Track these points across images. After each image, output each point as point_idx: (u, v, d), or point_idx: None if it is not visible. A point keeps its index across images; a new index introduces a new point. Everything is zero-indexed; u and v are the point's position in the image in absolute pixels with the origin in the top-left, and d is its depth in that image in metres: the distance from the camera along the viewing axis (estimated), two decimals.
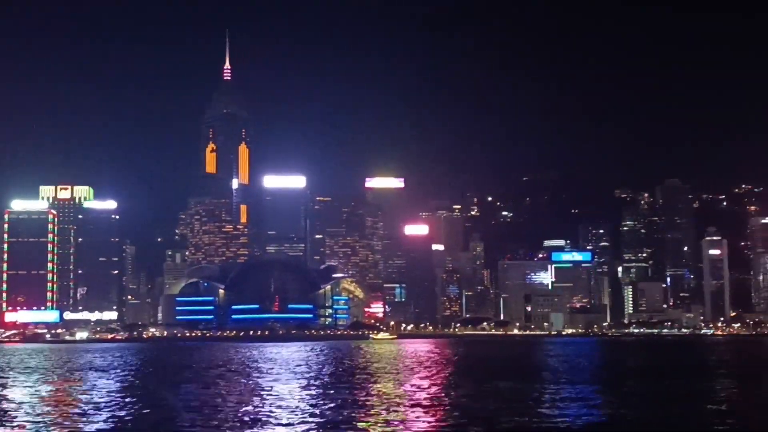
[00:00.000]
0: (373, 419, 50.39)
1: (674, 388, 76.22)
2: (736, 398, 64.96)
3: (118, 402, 62.92)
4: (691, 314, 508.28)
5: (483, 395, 67.04)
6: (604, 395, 68.68)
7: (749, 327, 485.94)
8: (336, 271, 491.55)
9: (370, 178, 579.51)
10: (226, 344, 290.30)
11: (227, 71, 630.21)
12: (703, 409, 55.89)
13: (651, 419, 50.66)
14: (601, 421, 50.12)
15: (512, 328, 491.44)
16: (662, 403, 60.72)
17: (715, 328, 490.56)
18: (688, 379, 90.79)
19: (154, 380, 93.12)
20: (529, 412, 54.21)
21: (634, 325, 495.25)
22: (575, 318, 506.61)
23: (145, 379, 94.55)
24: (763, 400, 61.44)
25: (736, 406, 58.80)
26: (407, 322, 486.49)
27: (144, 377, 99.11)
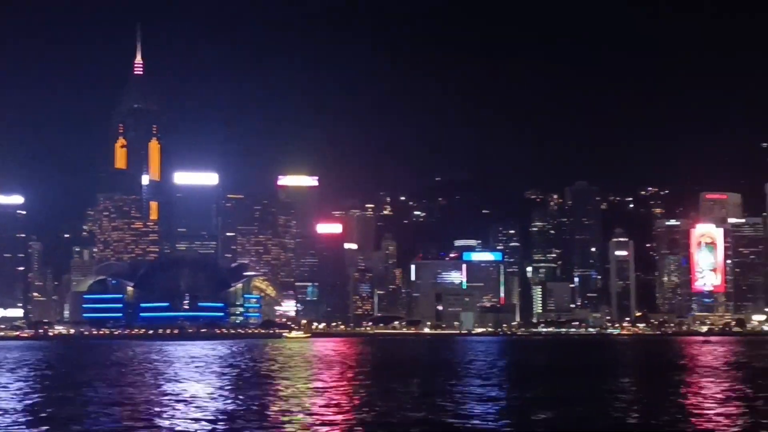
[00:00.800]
0: (282, 418, 50.16)
1: (578, 387, 77.51)
2: (638, 396, 66.37)
3: (19, 401, 61.48)
4: (598, 314, 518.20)
5: (392, 393, 67.24)
6: (510, 394, 69.51)
7: (654, 327, 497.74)
8: (247, 270, 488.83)
9: (283, 176, 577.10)
10: (135, 343, 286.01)
11: (138, 66, 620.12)
12: (607, 407, 56.92)
13: (556, 417, 51.38)
14: (507, 420, 50.66)
15: (423, 327, 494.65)
16: (567, 402, 61.68)
17: (620, 327, 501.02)
18: (593, 377, 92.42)
19: (58, 379, 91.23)
20: (436, 410, 54.56)
21: (543, 325, 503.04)
22: (485, 317, 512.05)
23: (49, 378, 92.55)
24: (663, 398, 62.88)
25: (637, 403, 60.06)
26: (319, 321, 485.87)
27: (49, 376, 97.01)
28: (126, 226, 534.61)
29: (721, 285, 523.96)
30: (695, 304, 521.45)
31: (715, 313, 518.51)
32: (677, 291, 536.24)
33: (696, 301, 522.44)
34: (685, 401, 61.20)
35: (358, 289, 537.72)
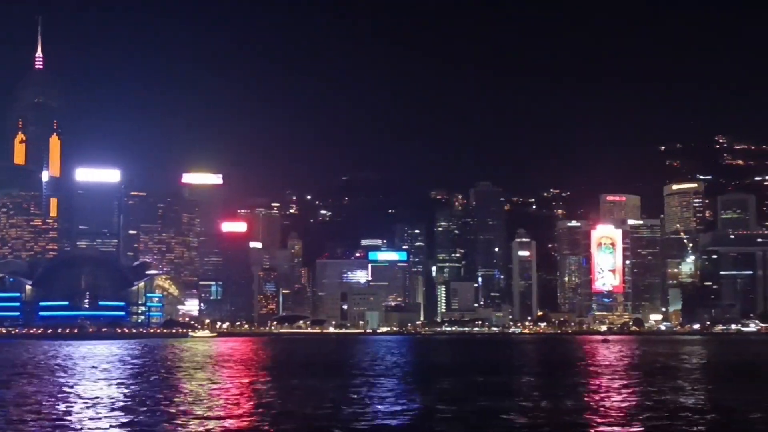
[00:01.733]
0: (184, 418, 49.65)
1: (481, 384, 78.46)
2: (538, 392, 67.51)
3: None
4: (500, 313, 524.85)
5: (297, 392, 67.10)
6: (414, 391, 70.00)
7: (554, 326, 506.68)
8: (150, 268, 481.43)
9: (187, 174, 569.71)
10: (33, 342, 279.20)
11: (39, 60, 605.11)
12: (508, 403, 57.77)
13: (458, 414, 51.91)
14: (410, 417, 51.00)
15: (328, 326, 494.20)
16: (469, 398, 62.38)
17: (522, 326, 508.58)
18: (494, 375, 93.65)
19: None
20: (341, 408, 54.66)
21: (446, 324, 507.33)
22: (390, 316, 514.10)
23: None
24: (561, 395, 64.12)
25: (537, 399, 61.09)
26: (223, 321, 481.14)
27: None
28: (25, 223, 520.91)
29: (619, 285, 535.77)
30: (595, 303, 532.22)
31: (614, 312, 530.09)
32: (578, 291, 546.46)
33: (596, 300, 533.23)
34: (583, 398, 62.46)
35: (263, 288, 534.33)
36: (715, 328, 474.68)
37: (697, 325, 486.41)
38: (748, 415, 49.70)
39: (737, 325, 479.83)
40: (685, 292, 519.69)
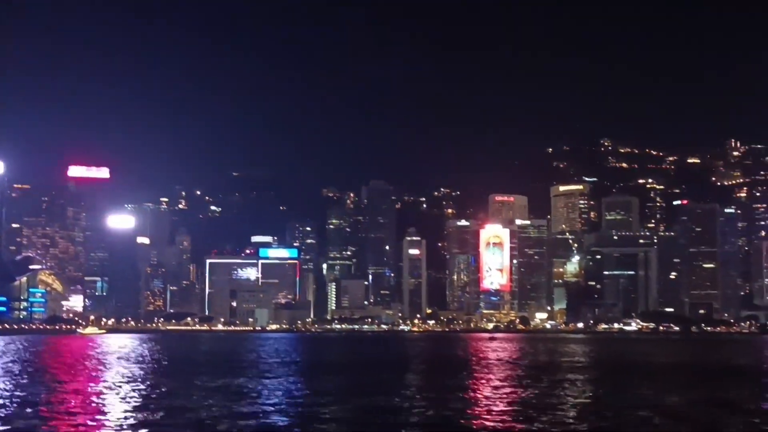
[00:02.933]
0: (68, 417, 48.33)
1: (369, 381, 78.61)
2: (424, 388, 67.98)
3: None
4: (390, 311, 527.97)
5: (185, 390, 66.11)
6: (303, 389, 69.73)
7: (443, 324, 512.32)
8: (33, 263, 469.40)
9: (73, 167, 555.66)
10: None
11: None
12: (397, 399, 57.97)
13: (344, 411, 51.84)
14: (298, 413, 50.77)
15: (217, 323, 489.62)
16: (356, 396, 62.40)
17: (412, 324, 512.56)
18: (382, 372, 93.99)
19: None
20: (232, 406, 54.06)
21: (336, 321, 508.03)
22: (280, 314, 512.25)
23: None
24: (447, 391, 64.69)
25: (423, 395, 61.49)
26: (108, 317, 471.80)
27: None
28: None
29: (507, 284, 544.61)
30: (483, 302, 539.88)
31: (501, 311, 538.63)
32: (466, 289, 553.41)
33: (483, 299, 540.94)
34: (468, 394, 63.12)
35: (150, 284, 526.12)
36: (598, 326, 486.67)
37: (580, 323, 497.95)
38: (632, 412, 50.92)
39: (619, 323, 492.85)
40: (569, 292, 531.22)
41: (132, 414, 49.16)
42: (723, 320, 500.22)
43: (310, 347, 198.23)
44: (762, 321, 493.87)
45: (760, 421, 46.99)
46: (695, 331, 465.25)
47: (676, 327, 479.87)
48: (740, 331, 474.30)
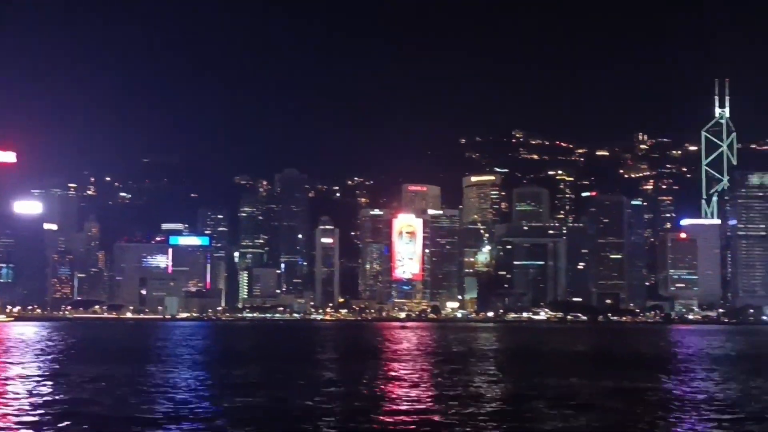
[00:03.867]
0: None
1: (280, 371, 78.42)
2: (335, 379, 68.11)
3: None
4: (302, 300, 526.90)
5: (91, 381, 65.01)
6: (209, 379, 69.22)
7: (355, 312, 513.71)
8: None
9: None
10: None
11: None
12: (305, 389, 57.93)
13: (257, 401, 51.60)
14: (205, 405, 50.31)
15: (126, 311, 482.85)
16: (265, 386, 62.19)
17: (324, 313, 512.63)
18: (293, 362, 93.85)
19: None
20: (137, 397, 53.36)
21: (248, 310, 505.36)
22: (190, 302, 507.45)
23: None
24: (359, 381, 64.88)
25: (335, 386, 61.58)
26: (14, 304, 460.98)
27: None
28: None
29: (419, 273, 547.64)
30: (395, 291, 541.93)
31: (413, 300, 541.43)
32: (378, 278, 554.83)
33: (396, 288, 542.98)
34: (380, 383, 63.39)
35: (58, 271, 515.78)
36: (508, 315, 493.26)
37: (491, 312, 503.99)
38: (539, 401, 51.71)
39: (528, 313, 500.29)
40: (480, 281, 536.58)
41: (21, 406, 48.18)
42: (629, 310, 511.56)
43: (220, 336, 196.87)
44: (666, 311, 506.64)
45: (662, 408, 48.19)
46: (602, 320, 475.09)
47: (583, 316, 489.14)
48: (645, 320, 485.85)
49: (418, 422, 41.54)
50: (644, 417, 43.70)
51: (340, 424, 41.68)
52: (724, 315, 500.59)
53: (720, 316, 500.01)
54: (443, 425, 40.74)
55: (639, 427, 39.93)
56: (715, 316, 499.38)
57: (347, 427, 40.64)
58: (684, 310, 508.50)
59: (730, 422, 42.06)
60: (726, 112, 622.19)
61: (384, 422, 41.87)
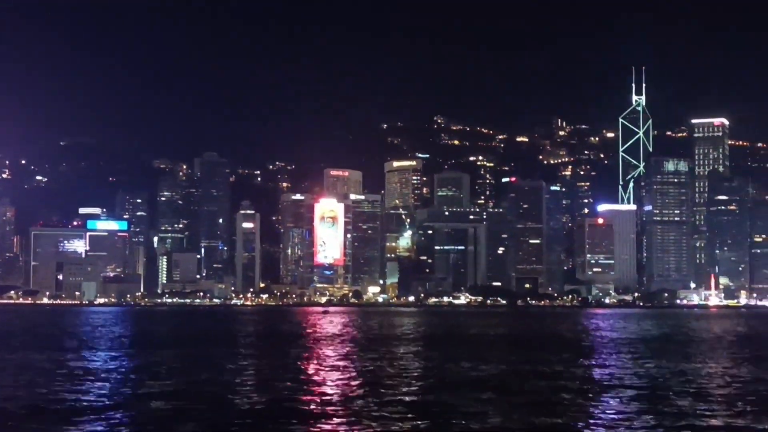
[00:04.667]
0: None
1: (198, 357, 77.92)
2: (255, 364, 67.94)
3: None
4: (223, 285, 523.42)
5: (3, 369, 63.82)
6: (128, 364, 68.51)
7: (276, 298, 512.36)
8: None
9: None
10: None
11: None
12: (225, 376, 57.72)
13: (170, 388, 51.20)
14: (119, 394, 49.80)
15: (42, 297, 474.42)
16: (184, 372, 61.78)
17: (245, 298, 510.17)
18: (213, 347, 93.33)
19: None
20: (52, 385, 52.59)
21: (167, 295, 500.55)
22: (109, 287, 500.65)
23: None
24: (280, 366, 64.85)
25: (255, 371, 61.44)
26: None
27: None
28: None
29: (340, 258, 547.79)
30: (316, 276, 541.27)
31: (334, 284, 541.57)
32: (300, 263, 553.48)
33: (317, 273, 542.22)
34: (302, 368, 63.43)
35: None
36: (429, 300, 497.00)
37: (412, 297, 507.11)
38: (459, 384, 52.26)
39: (449, 297, 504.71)
40: (402, 266, 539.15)
41: None
42: (547, 294, 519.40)
43: (138, 322, 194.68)
44: (583, 295, 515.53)
45: (578, 389, 49.09)
46: (521, 304, 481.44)
47: (503, 301, 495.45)
48: (563, 304, 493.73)
49: (337, 406, 41.68)
50: (560, 399, 44.48)
51: (260, 408, 41.62)
52: (640, 299, 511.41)
53: (635, 299, 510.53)
54: (361, 410, 40.93)
55: (556, 409, 40.65)
56: (630, 299, 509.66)
57: (265, 411, 40.60)
58: (601, 294, 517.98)
59: (642, 402, 43.04)
60: (642, 100, 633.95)
61: (302, 407, 41.93)
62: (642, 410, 40.50)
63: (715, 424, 36.83)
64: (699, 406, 41.98)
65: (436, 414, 39.08)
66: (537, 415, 38.38)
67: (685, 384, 52.09)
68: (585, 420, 37.75)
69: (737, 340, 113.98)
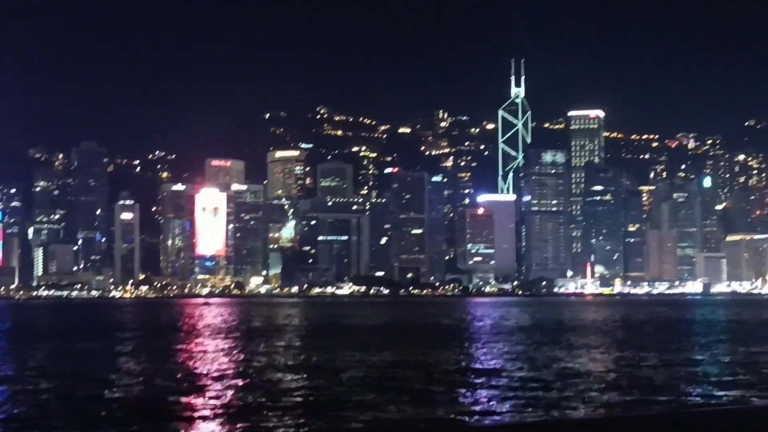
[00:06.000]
0: None
1: (72, 350, 76.25)
2: (135, 357, 66.88)
3: None
4: (101, 277, 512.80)
5: None
6: None
7: (157, 289, 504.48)
8: None
9: None
10: None
11: None
12: (103, 370, 56.63)
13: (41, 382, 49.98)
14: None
15: None
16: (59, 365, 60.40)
17: (124, 291, 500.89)
18: (88, 340, 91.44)
19: None
20: None
21: (44, 288, 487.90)
22: None
23: None
24: (159, 358, 63.89)
25: (134, 364, 60.47)
26: None
27: None
28: None
29: (222, 249, 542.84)
30: (198, 267, 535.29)
31: (216, 276, 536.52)
32: (181, 254, 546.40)
33: (199, 264, 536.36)
34: (179, 361, 62.64)
35: None
36: (312, 290, 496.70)
37: (295, 287, 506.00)
38: (340, 374, 52.45)
39: (333, 287, 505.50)
40: (285, 256, 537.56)
41: None
42: (429, 283, 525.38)
43: (11, 315, 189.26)
44: (464, 284, 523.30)
45: (456, 377, 49.79)
46: (404, 294, 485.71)
47: (386, 290, 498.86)
48: (445, 293, 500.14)
49: (213, 400, 41.31)
50: (438, 389, 44.97)
51: (134, 403, 40.94)
52: (519, 287, 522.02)
53: (515, 288, 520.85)
54: (238, 403, 40.66)
55: (434, 398, 41.09)
56: (510, 288, 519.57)
57: (140, 406, 39.95)
58: (481, 283, 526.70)
59: (517, 389, 43.88)
60: (522, 92, 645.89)
61: (177, 401, 41.41)
62: (516, 397, 41.27)
63: (590, 408, 37.77)
64: (572, 391, 43.00)
65: (312, 406, 39.04)
66: (415, 406, 38.71)
67: (561, 370, 53.31)
68: (461, 409, 38.27)
69: (613, 327, 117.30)
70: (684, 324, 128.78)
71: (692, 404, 39.73)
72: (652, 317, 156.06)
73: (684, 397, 41.33)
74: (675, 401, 39.95)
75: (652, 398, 40.66)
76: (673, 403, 39.35)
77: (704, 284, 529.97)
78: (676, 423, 13.86)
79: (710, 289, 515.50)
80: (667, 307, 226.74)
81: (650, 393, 42.31)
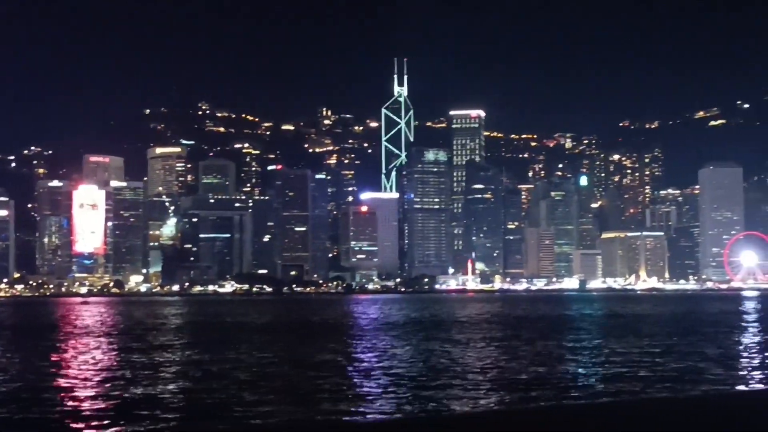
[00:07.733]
0: None
1: None
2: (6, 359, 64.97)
3: None
4: None
5: None
6: None
7: (32, 288, 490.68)
8: None
9: None
10: None
11: None
12: None
13: None
14: None
15: None
16: None
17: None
18: None
19: None
20: None
21: None
22: None
23: None
24: (34, 359, 62.18)
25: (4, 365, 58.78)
26: None
27: None
28: None
29: (101, 247, 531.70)
30: (76, 265, 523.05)
31: (95, 274, 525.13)
32: (58, 252, 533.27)
33: (77, 262, 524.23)
34: (53, 362, 61.08)
35: None
36: (194, 288, 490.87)
37: (176, 286, 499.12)
38: (221, 373, 51.89)
39: (215, 285, 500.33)
40: (165, 254, 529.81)
41: None
42: (313, 281, 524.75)
43: None
44: (348, 281, 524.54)
45: (339, 374, 49.81)
46: (287, 291, 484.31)
47: (269, 288, 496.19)
48: (328, 291, 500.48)
49: (86, 402, 40.35)
50: (320, 386, 44.90)
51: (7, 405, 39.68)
52: (402, 284, 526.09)
53: (397, 285, 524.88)
54: (112, 404, 39.80)
55: (315, 397, 40.98)
56: (393, 285, 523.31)
57: (9, 407, 38.72)
58: (364, 280, 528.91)
59: (401, 384, 44.14)
60: (404, 91, 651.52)
61: (52, 402, 40.31)
62: (399, 393, 41.52)
63: (472, 401, 38.26)
64: (456, 384, 43.52)
65: (189, 408, 38.47)
66: (297, 405, 38.56)
67: (448, 365, 53.86)
68: (345, 406, 38.28)
69: (492, 322, 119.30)
70: (560, 319, 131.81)
71: (572, 397, 40.58)
72: (531, 313, 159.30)
73: (561, 393, 42.19)
74: (553, 396, 40.76)
75: (529, 395, 41.41)
76: (551, 399, 40.14)
77: (580, 280, 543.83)
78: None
79: (586, 285, 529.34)
80: (544, 303, 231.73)
81: (527, 389, 43.09)
